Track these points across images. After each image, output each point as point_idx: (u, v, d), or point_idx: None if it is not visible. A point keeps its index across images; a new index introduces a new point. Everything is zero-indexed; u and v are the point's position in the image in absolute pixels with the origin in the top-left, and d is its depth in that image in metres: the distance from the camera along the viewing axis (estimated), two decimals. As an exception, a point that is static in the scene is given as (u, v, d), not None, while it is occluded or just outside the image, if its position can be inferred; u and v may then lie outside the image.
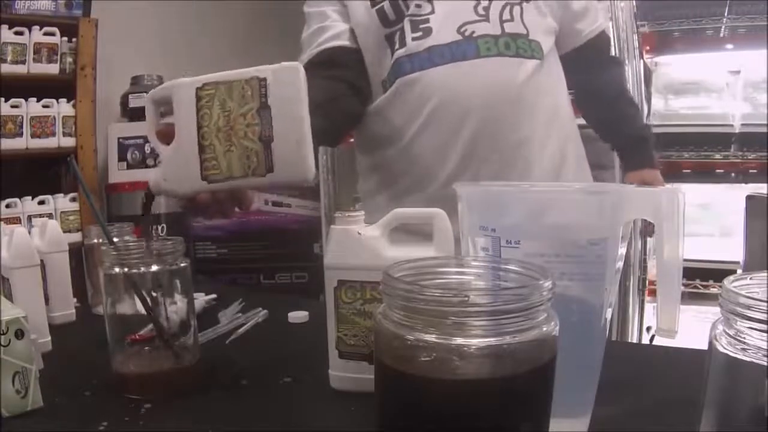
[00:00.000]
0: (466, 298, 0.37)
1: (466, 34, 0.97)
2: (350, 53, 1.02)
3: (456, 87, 0.97)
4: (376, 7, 0.99)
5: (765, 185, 2.03)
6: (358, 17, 1.01)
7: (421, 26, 0.98)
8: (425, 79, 0.98)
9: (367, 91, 1.04)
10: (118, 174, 2.38)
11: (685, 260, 0.47)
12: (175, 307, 0.68)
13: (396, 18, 0.99)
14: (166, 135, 0.67)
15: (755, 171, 2.17)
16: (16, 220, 2.05)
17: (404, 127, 1.01)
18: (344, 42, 1.02)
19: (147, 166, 2.35)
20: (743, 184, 2.18)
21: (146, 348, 0.68)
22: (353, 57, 1.03)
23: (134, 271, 0.65)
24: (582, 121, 1.22)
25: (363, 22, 1.01)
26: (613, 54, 1.48)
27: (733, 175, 2.23)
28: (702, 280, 2.11)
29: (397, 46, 1.00)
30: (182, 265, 0.68)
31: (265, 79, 0.64)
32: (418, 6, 0.99)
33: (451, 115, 0.98)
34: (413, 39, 0.98)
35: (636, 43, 2.22)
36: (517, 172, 0.98)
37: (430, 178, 1.01)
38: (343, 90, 1.00)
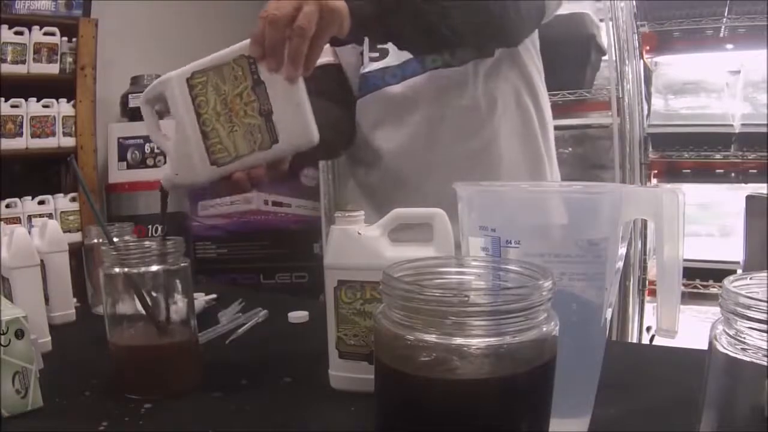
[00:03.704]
0: (466, 298, 0.37)
1: None
2: (336, 70, 1.04)
3: (407, 103, 0.98)
4: None
5: (765, 185, 2.03)
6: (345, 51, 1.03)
7: (379, 46, 1.00)
8: (379, 98, 0.99)
9: (354, 106, 1.05)
10: (118, 174, 2.38)
11: (685, 260, 0.47)
12: (175, 307, 0.68)
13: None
14: None
15: (755, 171, 2.17)
16: (16, 220, 2.05)
17: (370, 141, 1.03)
18: (330, 58, 1.03)
19: (147, 166, 2.36)
20: (743, 184, 2.18)
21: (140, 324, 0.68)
22: (340, 74, 1.04)
23: (134, 271, 0.65)
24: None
25: (350, 61, 1.03)
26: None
27: (733, 175, 2.23)
28: (702, 280, 2.11)
29: (362, 63, 1.02)
30: (182, 265, 0.68)
31: (252, 56, 0.65)
32: None
33: (406, 128, 0.99)
34: (371, 59, 1.00)
35: (636, 43, 2.22)
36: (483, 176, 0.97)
37: (404, 188, 1.01)
38: (334, 108, 1.02)
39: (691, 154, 2.20)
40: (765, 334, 0.33)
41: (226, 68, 0.66)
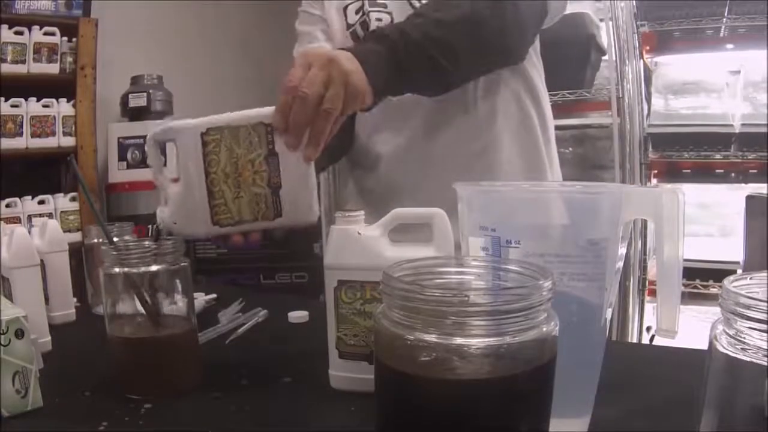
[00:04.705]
0: (466, 298, 0.37)
1: None
2: None
3: (407, 107, 0.97)
4: (350, 30, 1.00)
5: (765, 185, 2.03)
6: (338, 40, 1.02)
7: None
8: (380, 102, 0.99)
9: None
10: (118, 174, 2.38)
11: (685, 260, 0.47)
12: (175, 307, 0.68)
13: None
14: None
15: (755, 171, 2.17)
16: (16, 220, 2.05)
17: (369, 144, 1.03)
18: None
19: (147, 166, 2.35)
20: (743, 184, 2.18)
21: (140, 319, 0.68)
22: None
23: (134, 271, 0.65)
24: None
25: (342, 45, 1.03)
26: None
27: (733, 175, 2.23)
28: (702, 280, 2.11)
29: None
30: (182, 265, 0.68)
31: (271, 126, 0.65)
32: (379, 20, 0.98)
33: (406, 132, 0.98)
34: None
35: (636, 43, 2.22)
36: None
37: (401, 192, 1.00)
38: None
39: (691, 154, 2.20)
40: (765, 334, 0.33)
41: (243, 131, 0.66)
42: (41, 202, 2.17)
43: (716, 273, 2.03)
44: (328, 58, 0.67)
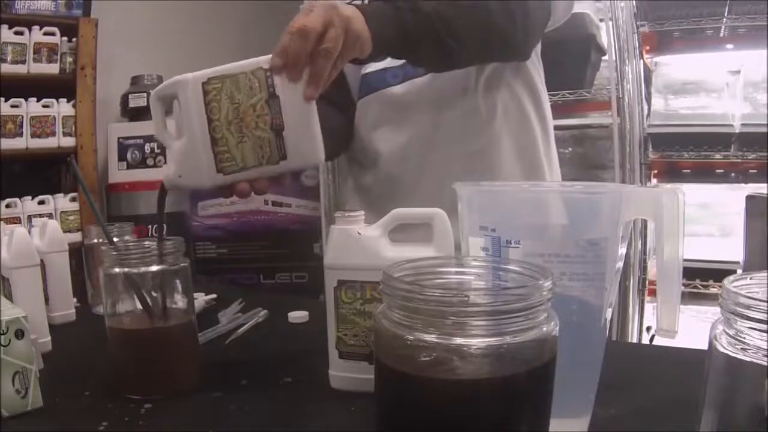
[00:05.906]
0: (466, 298, 0.37)
1: None
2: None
3: (408, 104, 0.97)
4: None
5: (765, 185, 2.03)
6: None
7: None
8: (381, 98, 0.99)
9: (352, 109, 1.05)
10: (118, 174, 2.38)
11: (685, 260, 0.47)
12: (176, 307, 0.68)
13: None
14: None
15: (755, 171, 2.17)
16: (16, 220, 2.05)
17: (369, 141, 1.03)
18: None
19: (147, 166, 2.35)
20: (743, 184, 2.18)
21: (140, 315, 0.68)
22: (338, 76, 1.04)
23: (134, 271, 0.65)
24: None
25: None
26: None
27: (733, 175, 2.23)
28: (702, 280, 2.11)
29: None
30: (182, 265, 0.68)
31: (270, 69, 0.65)
32: None
33: (406, 130, 0.98)
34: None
35: (636, 43, 2.22)
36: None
37: (400, 190, 1.00)
38: (332, 113, 1.01)
39: (691, 154, 2.20)
40: (765, 334, 0.33)
41: (243, 78, 0.66)
42: (41, 203, 2.17)
43: (716, 273, 2.03)
44: (330, 5, 0.67)
